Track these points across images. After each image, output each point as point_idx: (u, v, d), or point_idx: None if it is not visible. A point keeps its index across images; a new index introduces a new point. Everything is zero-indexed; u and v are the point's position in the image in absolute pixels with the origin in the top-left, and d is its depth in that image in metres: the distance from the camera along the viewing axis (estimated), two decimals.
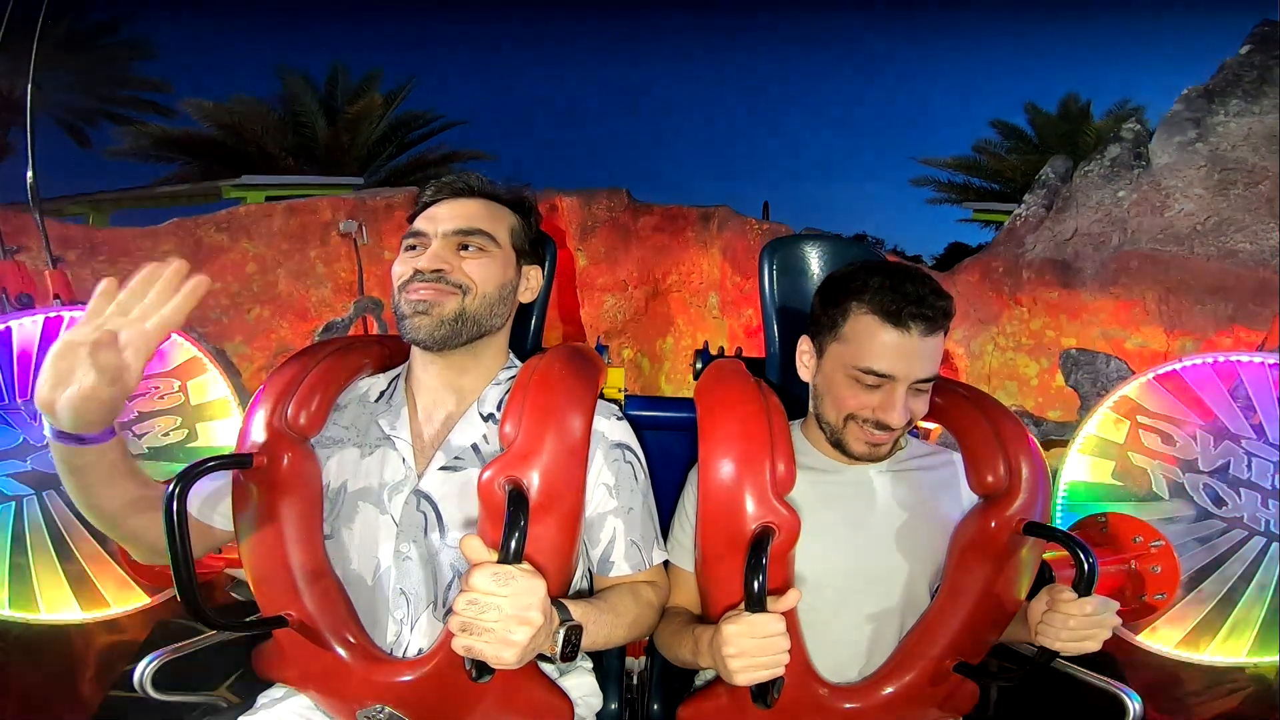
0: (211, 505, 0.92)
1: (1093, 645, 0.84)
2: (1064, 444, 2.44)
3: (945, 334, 0.94)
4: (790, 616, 0.90)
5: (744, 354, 1.31)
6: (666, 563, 1.03)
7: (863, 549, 0.99)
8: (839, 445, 0.98)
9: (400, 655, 0.90)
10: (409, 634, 0.90)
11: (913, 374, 0.91)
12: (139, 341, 0.70)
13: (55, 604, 1.41)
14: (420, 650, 0.89)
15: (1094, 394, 2.20)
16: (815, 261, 1.30)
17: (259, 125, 9.52)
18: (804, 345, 1.03)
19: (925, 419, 1.15)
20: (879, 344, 0.91)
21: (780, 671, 0.78)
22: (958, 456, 1.03)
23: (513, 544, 0.72)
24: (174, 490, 0.78)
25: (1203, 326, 2.31)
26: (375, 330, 2.98)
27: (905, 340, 0.90)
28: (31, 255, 2.46)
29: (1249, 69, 2.56)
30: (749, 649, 0.77)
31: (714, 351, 1.40)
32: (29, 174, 2.20)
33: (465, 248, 0.93)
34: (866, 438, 0.95)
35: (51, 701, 1.56)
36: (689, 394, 1.15)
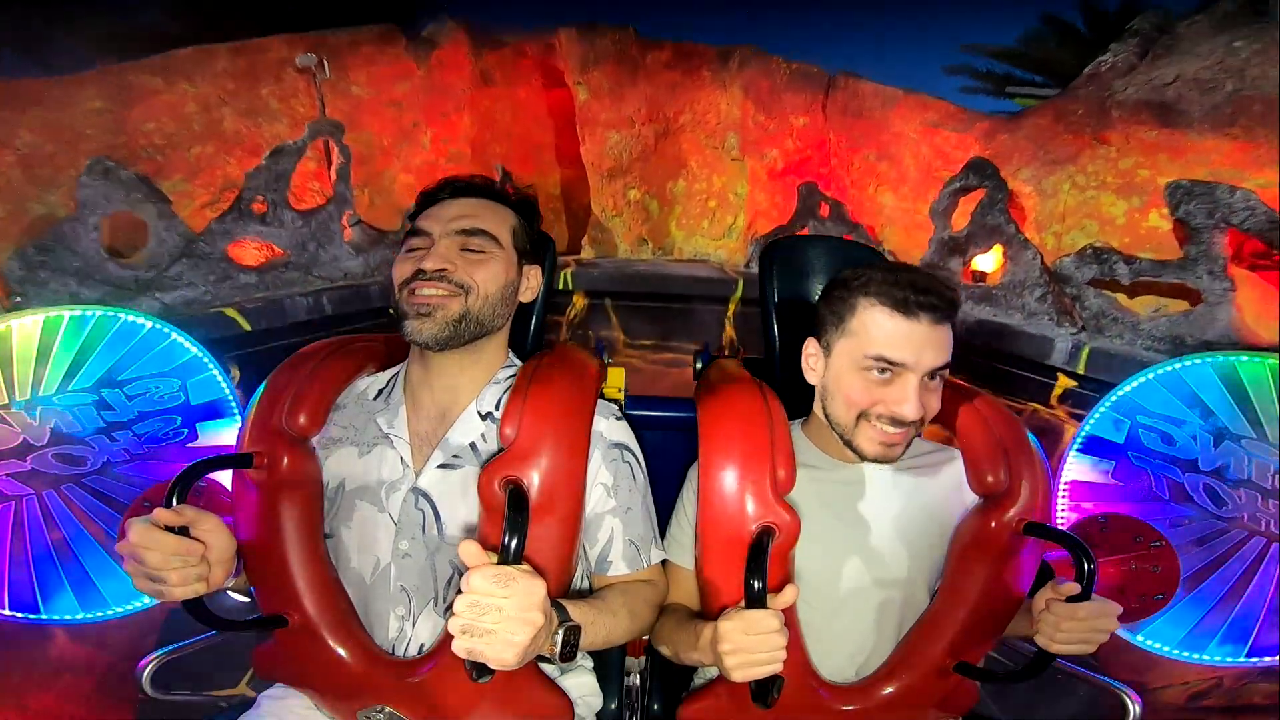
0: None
1: (1090, 647, 0.85)
2: (1156, 289, 2.24)
3: (953, 327, 0.94)
4: (790, 617, 0.90)
5: (743, 353, 1.31)
6: (665, 561, 1.03)
7: (862, 548, 0.99)
8: (851, 446, 0.96)
9: (402, 652, 0.90)
10: (410, 630, 0.90)
11: (923, 363, 0.90)
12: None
13: (55, 604, 1.41)
14: (422, 647, 0.89)
15: (1209, 226, 2.00)
16: (816, 261, 1.30)
17: None
18: (810, 348, 1.01)
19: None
20: (888, 332, 0.90)
21: (778, 668, 0.78)
22: (959, 454, 1.03)
23: (513, 544, 0.72)
24: (174, 490, 0.78)
25: None
26: (336, 155, 2.81)
27: (914, 328, 0.90)
28: None
29: None
30: (745, 645, 0.77)
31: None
32: None
33: (468, 248, 0.93)
34: (880, 437, 0.93)
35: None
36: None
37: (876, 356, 0.91)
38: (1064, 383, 2.21)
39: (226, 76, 2.71)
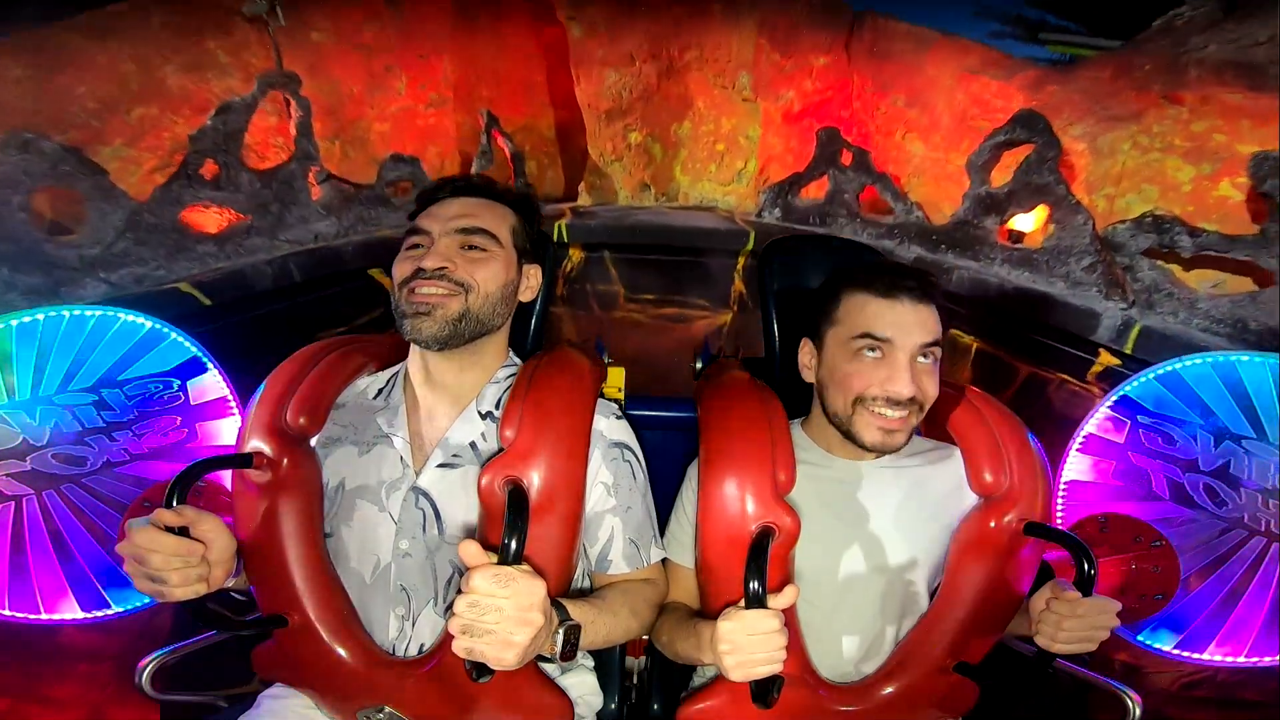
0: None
1: (1090, 646, 0.85)
2: (1221, 264, 1.98)
3: (937, 310, 0.96)
4: (790, 616, 0.90)
5: (743, 354, 1.32)
6: (665, 559, 1.03)
7: (861, 544, 0.99)
8: (850, 437, 0.97)
9: (402, 651, 0.90)
10: (410, 630, 0.90)
11: (910, 339, 0.93)
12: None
13: (55, 604, 1.41)
14: (422, 646, 0.89)
15: None
16: (816, 261, 1.30)
17: None
18: (804, 349, 1.04)
19: (925, 420, 1.15)
20: (873, 313, 0.94)
21: (778, 668, 0.78)
22: (959, 451, 1.03)
23: (513, 544, 0.72)
24: (174, 490, 0.78)
25: None
26: (295, 109, 2.59)
27: (897, 307, 0.93)
28: None
29: None
30: (745, 645, 0.77)
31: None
32: None
33: (468, 247, 0.93)
34: (879, 422, 0.94)
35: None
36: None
37: (863, 334, 0.94)
38: (1106, 360, 2.01)
39: (166, 31, 2.45)
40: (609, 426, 0.97)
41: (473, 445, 0.93)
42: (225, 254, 2.30)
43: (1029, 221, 2.39)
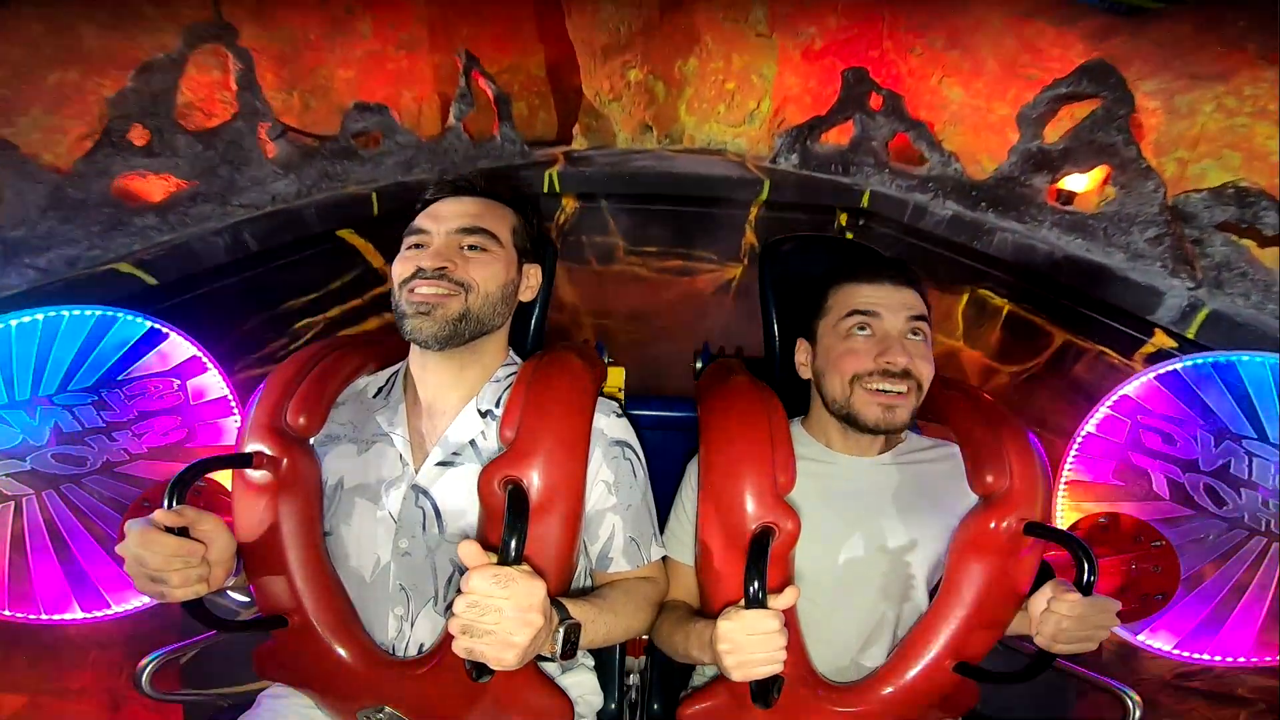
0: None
1: (1090, 646, 0.85)
2: None
3: (921, 295, 1.00)
4: (790, 616, 0.90)
5: (745, 353, 1.32)
6: (665, 558, 1.03)
7: (862, 540, 0.99)
8: (852, 421, 0.97)
9: (402, 650, 0.90)
10: (410, 629, 0.90)
11: (897, 315, 0.96)
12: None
13: (55, 604, 1.41)
14: (422, 645, 0.89)
15: None
16: (816, 262, 1.30)
17: None
18: (799, 348, 1.07)
19: (924, 419, 1.15)
20: (858, 294, 1.00)
21: (778, 669, 0.78)
22: (958, 448, 1.03)
23: (513, 545, 0.72)
24: (174, 490, 0.78)
25: None
26: (234, 63, 2.33)
27: (879, 288, 0.99)
28: None
29: None
30: (745, 645, 0.77)
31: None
32: None
33: (468, 247, 0.93)
34: (877, 399, 0.95)
35: None
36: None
37: (851, 311, 0.98)
38: (1161, 341, 1.82)
39: None
40: (609, 424, 0.97)
41: (472, 443, 0.93)
42: (169, 225, 2.04)
43: (1083, 183, 2.17)
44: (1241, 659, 1.50)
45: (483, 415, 0.95)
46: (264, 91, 2.39)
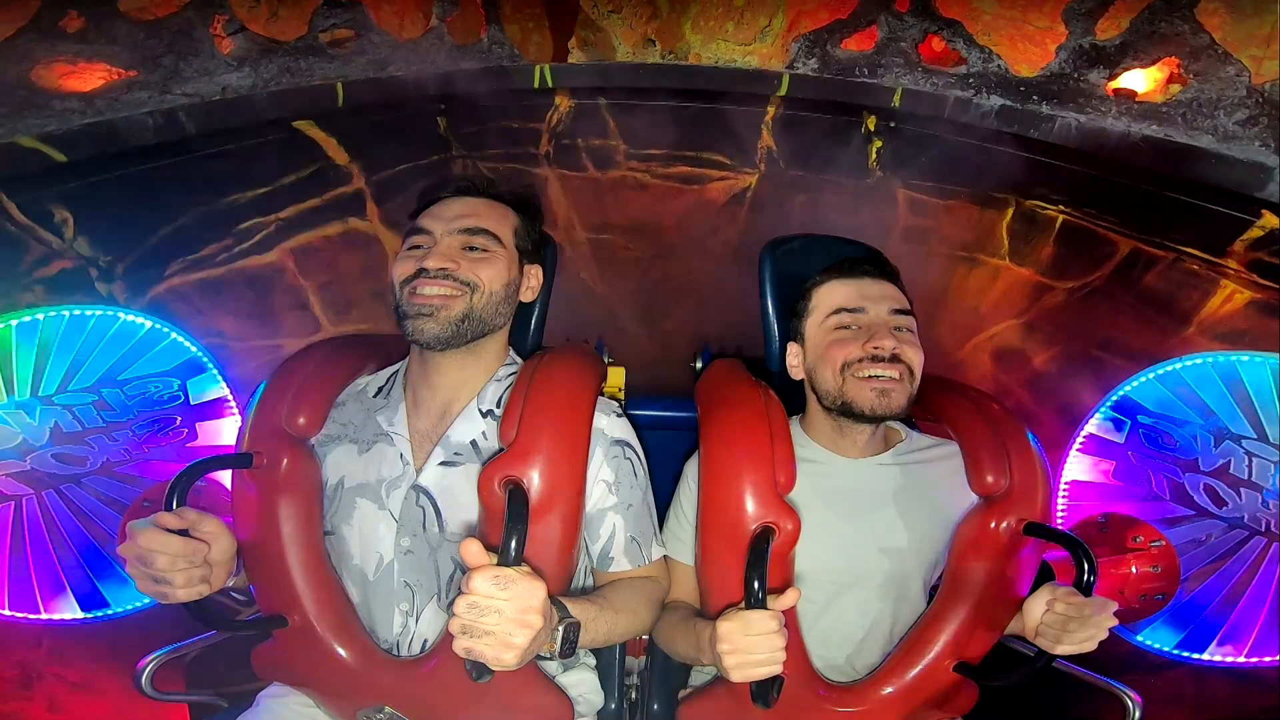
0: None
1: (1090, 645, 0.85)
2: None
3: (900, 289, 1.03)
4: (790, 617, 0.90)
5: (745, 353, 1.31)
6: (665, 557, 1.03)
7: (862, 539, 0.99)
8: (848, 412, 0.98)
9: (406, 647, 0.90)
10: (414, 626, 0.90)
11: (880, 307, 0.99)
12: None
13: (55, 604, 1.41)
14: (426, 641, 0.90)
15: None
16: (815, 262, 1.30)
17: None
18: (790, 351, 1.08)
19: (924, 419, 1.15)
20: (840, 293, 1.02)
21: (778, 669, 0.78)
22: (958, 447, 1.03)
23: (513, 545, 0.72)
24: (174, 491, 0.78)
25: None
26: None
27: (859, 284, 1.02)
28: None
29: None
30: (745, 646, 0.77)
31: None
32: None
33: (471, 247, 0.93)
34: (870, 385, 0.95)
35: None
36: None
37: (836, 310, 1.00)
38: (1270, 222, 1.62)
39: None
40: (610, 424, 0.97)
41: (473, 444, 0.93)
42: (96, 110, 1.76)
43: (1143, 80, 1.97)
44: (1241, 659, 1.50)
45: (484, 415, 0.95)
46: None
